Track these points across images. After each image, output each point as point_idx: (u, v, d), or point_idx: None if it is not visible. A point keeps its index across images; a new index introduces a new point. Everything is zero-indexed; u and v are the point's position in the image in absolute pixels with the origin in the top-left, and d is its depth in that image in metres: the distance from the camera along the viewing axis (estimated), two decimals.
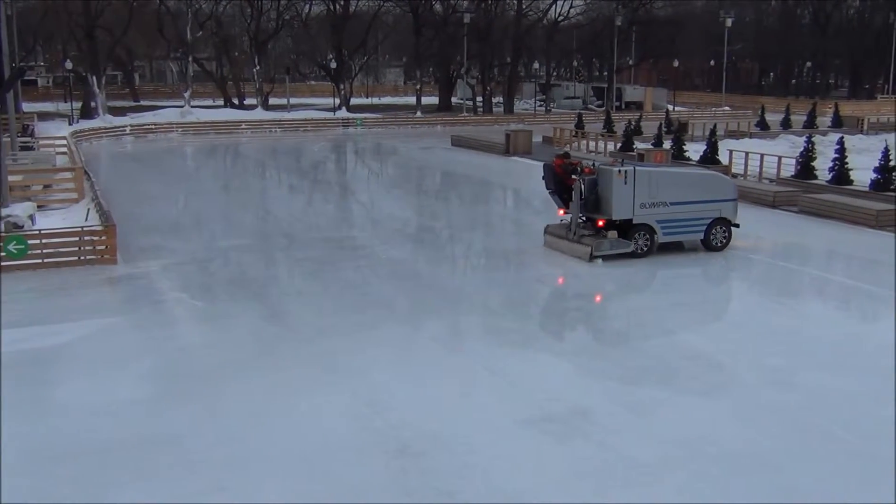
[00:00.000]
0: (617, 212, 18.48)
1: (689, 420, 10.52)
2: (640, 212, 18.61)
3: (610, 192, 18.41)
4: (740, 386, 11.72)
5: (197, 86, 70.37)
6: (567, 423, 10.38)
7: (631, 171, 18.49)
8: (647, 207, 18.62)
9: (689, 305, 15.87)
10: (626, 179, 18.35)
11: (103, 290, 16.95)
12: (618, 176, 18.33)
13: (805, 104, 60.31)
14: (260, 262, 19.58)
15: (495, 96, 70.92)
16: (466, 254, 21.16)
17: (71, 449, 9.80)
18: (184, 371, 12.32)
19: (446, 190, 33.29)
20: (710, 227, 19.31)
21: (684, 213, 18.99)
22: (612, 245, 18.48)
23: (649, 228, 18.76)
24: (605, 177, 18.63)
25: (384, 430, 10.26)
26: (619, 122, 45.74)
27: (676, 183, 19.04)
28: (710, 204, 19.22)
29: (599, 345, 14.02)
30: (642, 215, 18.65)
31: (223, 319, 14.89)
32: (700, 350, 13.10)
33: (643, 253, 18.75)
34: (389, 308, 15.53)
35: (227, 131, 53.58)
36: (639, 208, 18.57)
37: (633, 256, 18.61)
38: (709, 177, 20.33)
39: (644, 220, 18.69)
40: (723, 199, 19.39)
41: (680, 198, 18.88)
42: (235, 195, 30.81)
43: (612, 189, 18.36)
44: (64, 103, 59.30)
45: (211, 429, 10.32)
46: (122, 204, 25.01)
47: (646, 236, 18.76)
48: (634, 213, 18.56)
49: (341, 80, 67.22)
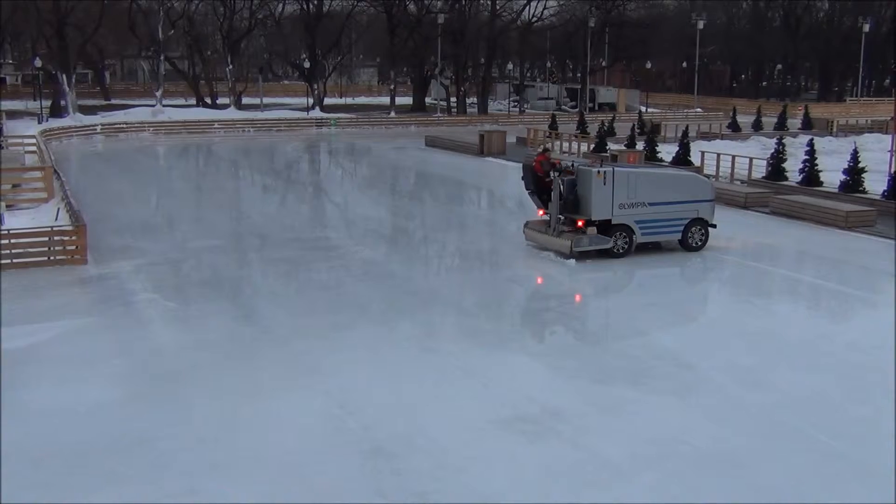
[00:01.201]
0: (596, 212, 18.59)
1: (661, 420, 10.59)
2: (618, 212, 18.74)
3: (589, 192, 18.52)
4: (712, 385, 11.82)
5: (169, 85, 69.77)
6: (540, 423, 10.41)
7: (610, 172, 18.62)
8: (626, 208, 18.76)
9: (662, 306, 15.96)
10: (606, 180, 18.47)
11: (73, 290, 16.76)
12: (597, 177, 18.45)
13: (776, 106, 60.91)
14: (233, 262, 19.46)
15: (469, 97, 70.97)
16: (441, 254, 21.17)
17: (41, 452, 9.68)
18: (156, 372, 12.21)
19: (420, 190, 33.27)
20: (688, 228, 19.49)
21: (663, 214, 19.16)
22: (591, 241, 18.61)
23: (628, 229, 18.90)
24: (584, 177, 18.73)
25: (357, 430, 10.24)
26: (592, 123, 45.99)
27: (655, 184, 19.19)
28: (688, 204, 19.42)
29: (573, 345, 14.08)
30: (621, 216, 18.78)
31: (196, 320, 14.79)
32: (672, 350, 13.19)
33: (622, 253, 18.88)
34: (363, 309, 15.49)
35: (199, 131, 53.18)
36: (618, 209, 18.71)
37: (610, 256, 18.72)
38: (687, 178, 20.51)
39: (623, 221, 18.83)
40: (701, 199, 19.59)
41: (659, 198, 19.05)
42: (208, 195, 30.61)
43: (591, 189, 18.47)
44: (33, 101, 58.53)
45: (183, 431, 10.24)
46: (92, 204, 24.77)
47: (624, 236, 18.90)
48: (613, 213, 18.70)
49: (315, 80, 66.98)
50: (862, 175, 26.21)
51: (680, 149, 32.87)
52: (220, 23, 68.58)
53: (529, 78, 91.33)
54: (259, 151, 45.67)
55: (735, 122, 49.42)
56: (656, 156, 34.14)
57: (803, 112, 53.62)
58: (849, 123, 54.02)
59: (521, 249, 19.91)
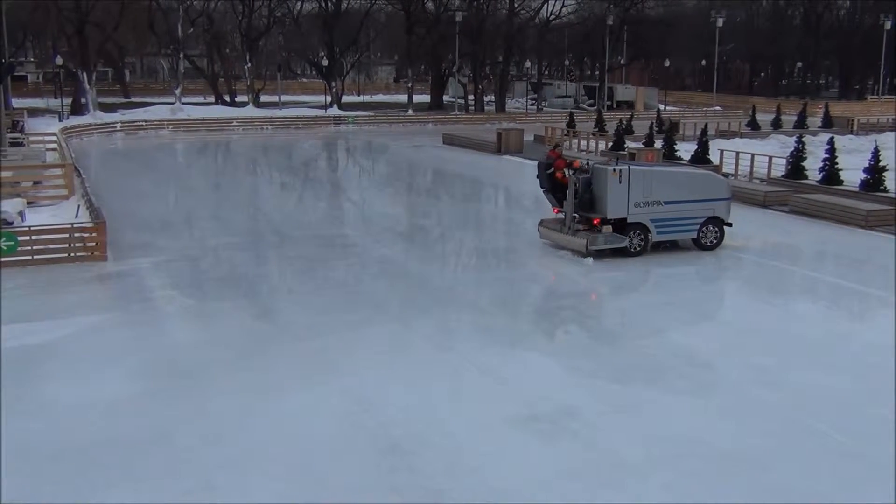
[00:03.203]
0: (612, 211, 18.52)
1: (677, 419, 10.54)
2: (634, 211, 18.65)
3: (605, 190, 18.45)
4: (729, 385, 11.75)
5: (188, 83, 70.18)
6: (555, 422, 10.39)
7: (626, 170, 18.55)
8: (642, 206, 18.67)
9: (678, 304, 15.89)
10: (621, 178, 18.40)
11: (93, 287, 16.89)
12: (613, 175, 18.38)
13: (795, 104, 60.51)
14: (250, 259, 19.54)
15: (486, 95, 70.92)
16: (457, 252, 21.16)
17: (59, 448, 9.76)
18: (173, 369, 12.27)
19: (437, 188, 33.29)
20: (703, 226, 19.39)
21: (678, 213, 19.05)
22: (606, 240, 18.55)
23: (643, 227, 18.83)
24: (599, 176, 18.67)
25: (373, 428, 10.26)
26: (610, 122, 45.83)
27: (671, 182, 19.10)
28: (704, 203, 19.30)
29: (589, 344, 14.01)
30: (637, 214, 18.70)
31: (213, 317, 14.85)
32: (689, 349, 13.13)
33: (637, 252, 18.81)
34: (380, 306, 15.51)
35: (218, 128, 53.45)
36: (633, 207, 18.62)
37: (625, 255, 18.66)
38: (703, 176, 20.41)
39: (638, 220, 18.74)
40: (717, 198, 19.46)
41: (674, 197, 18.94)
42: (226, 193, 30.75)
43: (606, 188, 18.41)
44: (54, 99, 58.99)
45: (200, 427, 10.29)
46: (112, 201, 24.93)
47: (640, 235, 18.83)
48: (629, 211, 18.62)
49: (333, 78, 67.14)
50: (883, 174, 25.97)
51: (699, 147, 32.71)
52: (238, 21, 68.87)
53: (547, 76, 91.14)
54: (277, 149, 45.82)
55: (754, 121, 49.11)
56: (674, 154, 33.98)
57: (823, 110, 53.23)
58: (869, 122, 53.61)
59: (537, 248, 19.88)
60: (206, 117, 55.62)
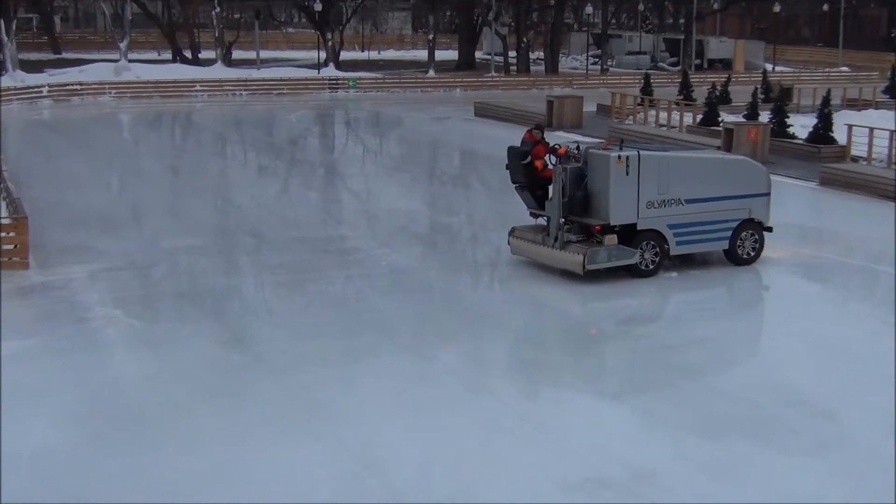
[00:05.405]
0: (616, 214, 17.70)
1: (787, 484, 10.52)
2: (646, 213, 17.89)
3: (606, 186, 17.65)
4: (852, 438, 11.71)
5: (137, 33, 70.69)
6: (625, 489, 10.40)
7: (634, 158, 17.78)
8: (657, 207, 17.95)
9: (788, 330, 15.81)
10: (628, 169, 17.72)
11: (12, 303, 17.03)
12: (617, 164, 17.61)
13: None
14: (218, 269, 19.69)
15: (533, 51, 70.93)
16: (493, 261, 21.14)
17: None
18: (115, 412, 12.38)
19: (467, 175, 33.34)
20: (737, 233, 18.77)
21: (704, 215, 18.38)
22: (610, 254, 17.66)
23: (659, 236, 18.12)
24: (597, 165, 17.89)
25: (381, 493, 10.32)
26: (699, 87, 45.65)
27: (694, 172, 18.50)
28: (738, 201, 18.66)
29: (665, 383, 13.97)
30: (650, 218, 17.95)
31: (168, 344, 14.98)
32: (802, 392, 13.08)
33: (650, 270, 18.14)
34: (389, 331, 15.58)
35: (176, 94, 53.80)
36: (645, 209, 17.89)
37: (636, 274, 18.01)
38: (737, 163, 19.77)
39: (652, 226, 18.00)
40: (753, 193, 18.86)
41: (699, 193, 18.28)
42: (187, 179, 30.97)
43: (608, 182, 17.61)
44: None
45: (150, 488, 10.37)
46: (36, 190, 25.20)
47: (654, 247, 18.07)
48: (639, 214, 17.88)
49: (329, 28, 67.40)
50: None
51: (819, 121, 32.52)
52: None
53: (615, 25, 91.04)
54: (254, 122, 46.08)
55: (894, 86, 48.75)
56: (786, 130, 33.82)
57: None
58: None
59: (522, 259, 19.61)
60: (160, 79, 55.97)
